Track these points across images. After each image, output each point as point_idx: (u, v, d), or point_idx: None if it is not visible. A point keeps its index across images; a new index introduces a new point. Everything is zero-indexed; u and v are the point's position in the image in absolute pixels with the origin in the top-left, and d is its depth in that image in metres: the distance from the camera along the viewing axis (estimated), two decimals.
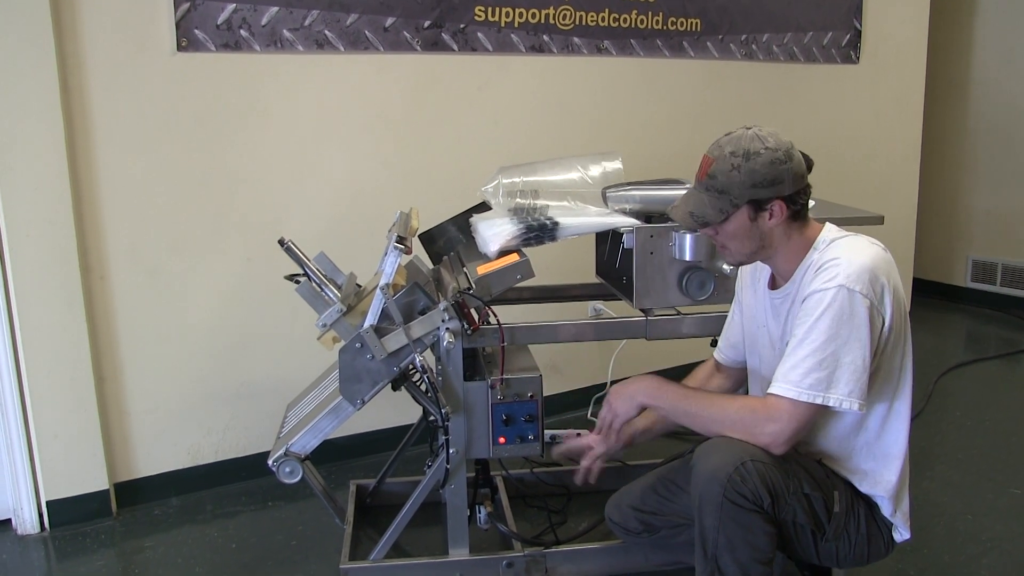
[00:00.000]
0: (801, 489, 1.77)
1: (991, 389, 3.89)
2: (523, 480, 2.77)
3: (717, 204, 1.78)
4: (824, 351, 1.70)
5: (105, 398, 2.74)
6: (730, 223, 1.79)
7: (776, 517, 1.76)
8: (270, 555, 2.52)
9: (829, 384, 1.70)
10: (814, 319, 1.71)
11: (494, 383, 2.18)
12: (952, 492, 2.82)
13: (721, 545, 1.73)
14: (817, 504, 1.79)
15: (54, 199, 2.53)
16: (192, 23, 2.66)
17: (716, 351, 2.19)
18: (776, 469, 1.74)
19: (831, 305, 1.70)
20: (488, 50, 3.17)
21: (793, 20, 3.91)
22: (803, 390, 1.70)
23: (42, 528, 2.68)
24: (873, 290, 1.71)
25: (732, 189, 1.76)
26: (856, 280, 1.70)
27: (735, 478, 1.70)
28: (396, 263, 2.08)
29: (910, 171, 4.68)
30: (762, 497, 1.71)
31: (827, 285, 1.71)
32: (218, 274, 2.86)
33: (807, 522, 1.79)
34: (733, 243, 1.83)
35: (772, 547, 1.76)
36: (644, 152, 3.45)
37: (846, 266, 1.72)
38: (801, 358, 1.71)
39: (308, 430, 2.19)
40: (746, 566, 1.74)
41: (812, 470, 1.82)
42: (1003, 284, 5.10)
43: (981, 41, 5.05)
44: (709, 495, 1.73)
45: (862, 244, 1.79)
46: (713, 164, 1.78)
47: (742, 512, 1.71)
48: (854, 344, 1.70)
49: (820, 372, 1.70)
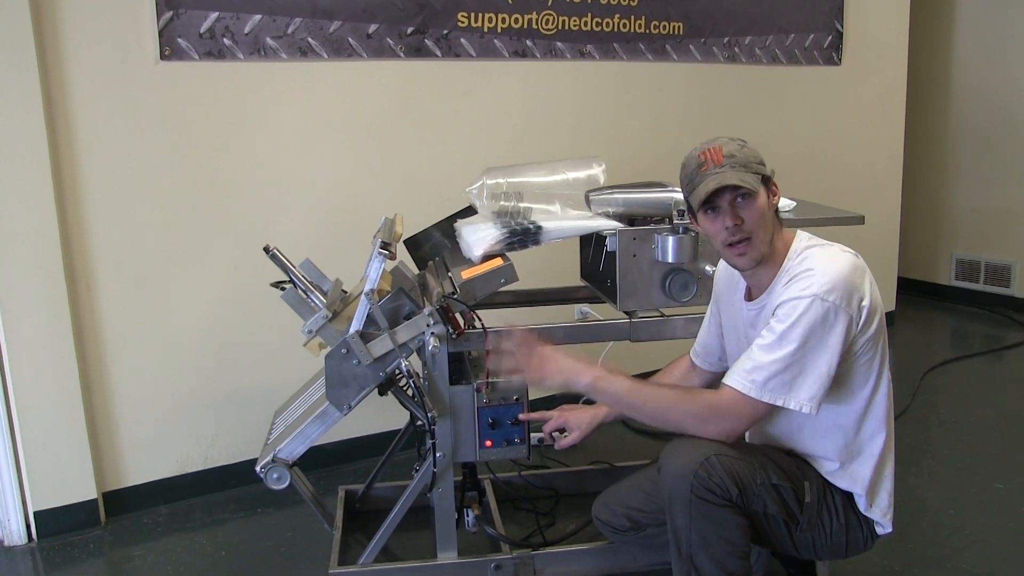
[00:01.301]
0: (769, 480, 1.79)
1: (975, 386, 3.92)
2: (511, 483, 2.78)
3: (747, 176, 1.77)
4: (791, 358, 1.72)
5: (93, 407, 2.73)
6: (760, 197, 1.78)
7: (746, 509, 1.78)
8: (260, 561, 2.52)
9: (791, 388, 1.73)
10: (786, 326, 1.73)
11: (480, 387, 2.19)
12: (937, 487, 2.84)
13: (695, 543, 1.76)
14: (787, 494, 1.81)
15: (39, 209, 2.53)
16: (175, 32, 2.67)
17: (692, 351, 2.24)
18: (741, 461, 1.77)
19: (804, 315, 1.72)
20: (471, 56, 3.18)
21: (775, 22, 3.94)
22: (765, 391, 1.74)
23: (30, 539, 2.67)
24: (848, 301, 1.73)
25: (750, 163, 1.78)
26: (830, 291, 1.72)
27: (701, 473, 1.73)
28: (381, 269, 2.09)
29: (893, 171, 4.71)
30: (729, 490, 1.74)
31: (801, 294, 1.73)
32: (204, 282, 2.86)
33: (778, 512, 1.81)
34: (762, 228, 1.79)
35: (746, 540, 1.78)
36: (627, 155, 3.47)
37: (820, 276, 1.73)
38: (768, 361, 1.74)
39: (295, 436, 2.20)
40: (722, 561, 1.76)
41: (780, 461, 1.85)
42: (986, 282, 5.14)
43: (962, 41, 5.10)
44: (677, 493, 1.76)
45: (835, 253, 1.80)
46: (723, 147, 1.79)
47: (712, 507, 1.74)
48: (822, 352, 1.73)
49: (784, 376, 1.73)
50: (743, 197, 1.77)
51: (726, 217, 1.79)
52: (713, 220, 1.82)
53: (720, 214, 1.80)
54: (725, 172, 1.76)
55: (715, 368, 2.18)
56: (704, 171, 1.78)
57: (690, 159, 1.84)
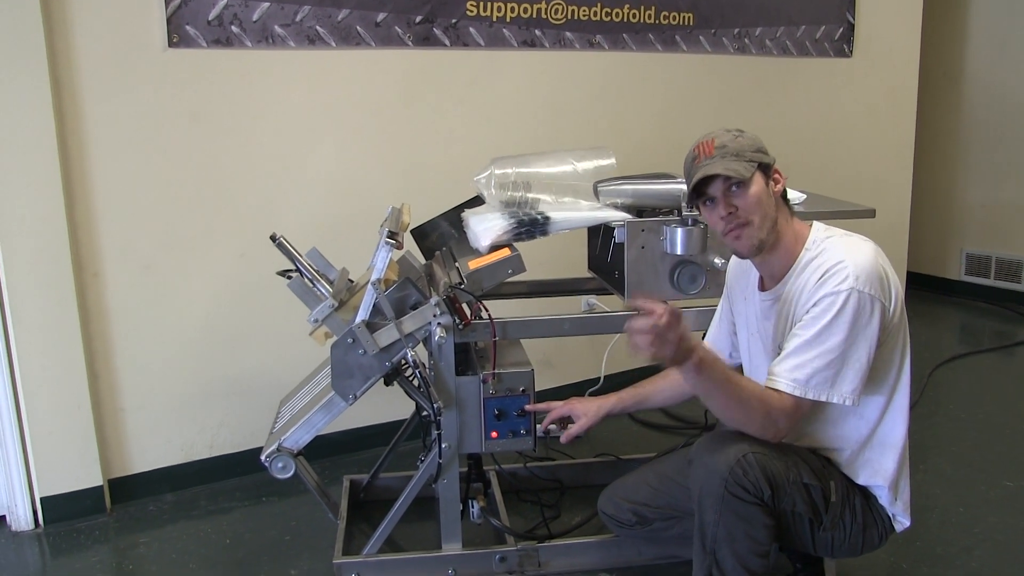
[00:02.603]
0: (801, 479, 1.78)
1: (984, 382, 3.90)
2: (516, 474, 2.77)
3: (738, 164, 1.78)
4: (834, 353, 1.72)
5: (99, 394, 2.73)
6: (754, 184, 1.78)
7: (776, 508, 1.77)
8: (264, 550, 2.52)
9: (834, 383, 1.73)
10: (826, 322, 1.72)
11: (486, 378, 2.19)
12: (945, 484, 2.82)
13: (720, 538, 1.75)
14: (816, 494, 1.80)
15: (46, 196, 2.53)
16: (183, 19, 2.66)
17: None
18: (777, 460, 1.76)
19: (844, 308, 1.71)
20: (480, 45, 3.16)
21: (786, 14, 3.91)
22: (809, 388, 1.73)
23: (36, 525, 2.68)
24: (882, 291, 1.74)
25: (744, 151, 1.78)
26: (866, 282, 1.72)
27: (737, 471, 1.72)
28: (388, 258, 2.08)
29: (904, 164, 4.68)
30: (763, 489, 1.73)
31: (839, 288, 1.72)
32: (211, 270, 2.85)
33: (806, 511, 1.80)
34: (758, 213, 1.79)
35: (771, 540, 1.78)
36: (636, 146, 3.45)
37: (853, 268, 1.73)
38: (810, 358, 1.73)
39: (301, 425, 2.19)
40: (744, 558, 1.75)
41: (810, 460, 1.84)
42: (997, 277, 5.10)
43: (974, 34, 5.05)
44: (710, 489, 1.74)
45: (857, 243, 1.81)
46: (716, 139, 1.81)
47: (743, 505, 1.73)
48: (862, 344, 1.73)
49: (827, 372, 1.73)
50: (736, 186, 1.79)
51: (720, 206, 1.81)
52: (711, 210, 1.84)
53: (716, 204, 1.82)
54: (714, 162, 1.78)
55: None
56: (697, 164, 1.81)
57: (688, 154, 1.86)
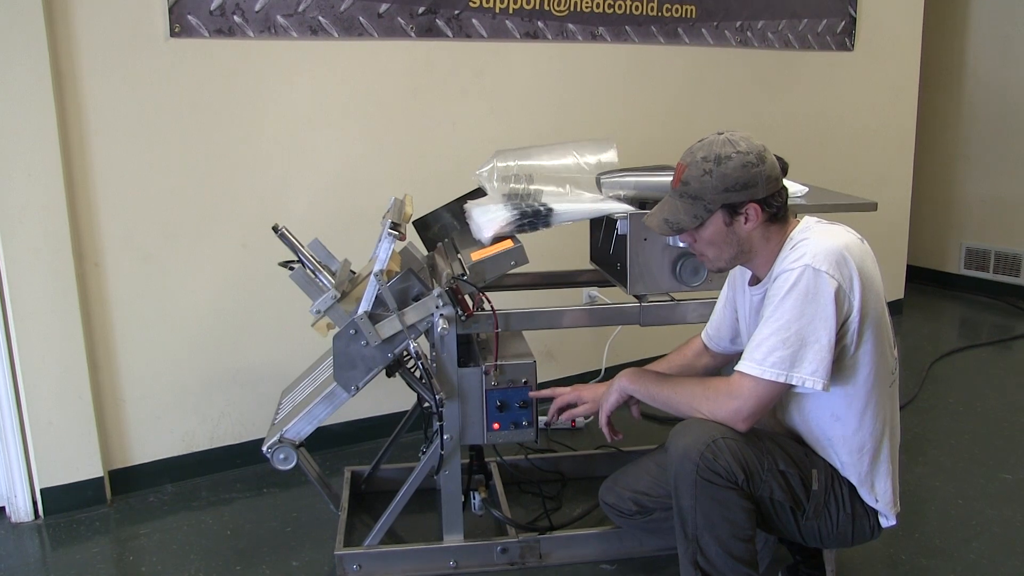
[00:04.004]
0: (776, 466, 1.79)
1: (983, 376, 3.91)
2: (518, 466, 2.78)
3: (691, 210, 1.79)
4: (788, 329, 1.71)
5: (99, 385, 2.73)
6: (706, 229, 1.81)
7: (752, 493, 1.77)
8: (265, 541, 2.52)
9: (793, 363, 1.71)
10: (779, 298, 1.73)
11: (488, 369, 2.19)
12: (944, 477, 2.83)
13: (700, 524, 1.76)
14: (794, 481, 1.81)
15: (47, 186, 2.52)
16: (185, 9, 2.65)
17: (704, 333, 2.23)
18: (749, 446, 1.77)
19: (796, 284, 1.71)
20: (483, 36, 3.16)
21: (788, 7, 3.90)
22: (766, 368, 1.72)
23: (36, 516, 2.68)
24: (840, 272, 1.72)
25: (705, 194, 1.77)
26: (822, 260, 1.71)
27: (707, 455, 1.73)
28: (390, 249, 2.08)
29: (904, 158, 4.68)
30: (735, 473, 1.73)
31: (793, 265, 1.73)
32: (213, 261, 2.85)
33: (785, 499, 1.81)
34: (711, 250, 1.84)
35: (751, 523, 1.78)
36: (638, 138, 3.45)
37: (813, 247, 1.74)
38: (765, 336, 1.73)
39: (302, 417, 2.19)
40: (726, 543, 1.76)
41: (789, 448, 1.84)
42: (996, 271, 5.12)
43: (976, 28, 5.05)
44: (683, 474, 1.76)
45: (836, 230, 1.81)
46: (686, 170, 1.80)
47: (717, 489, 1.74)
48: (819, 324, 1.71)
49: (784, 350, 1.71)
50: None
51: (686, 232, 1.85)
52: None
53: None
54: (662, 206, 1.85)
55: (726, 350, 2.16)
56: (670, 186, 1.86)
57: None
